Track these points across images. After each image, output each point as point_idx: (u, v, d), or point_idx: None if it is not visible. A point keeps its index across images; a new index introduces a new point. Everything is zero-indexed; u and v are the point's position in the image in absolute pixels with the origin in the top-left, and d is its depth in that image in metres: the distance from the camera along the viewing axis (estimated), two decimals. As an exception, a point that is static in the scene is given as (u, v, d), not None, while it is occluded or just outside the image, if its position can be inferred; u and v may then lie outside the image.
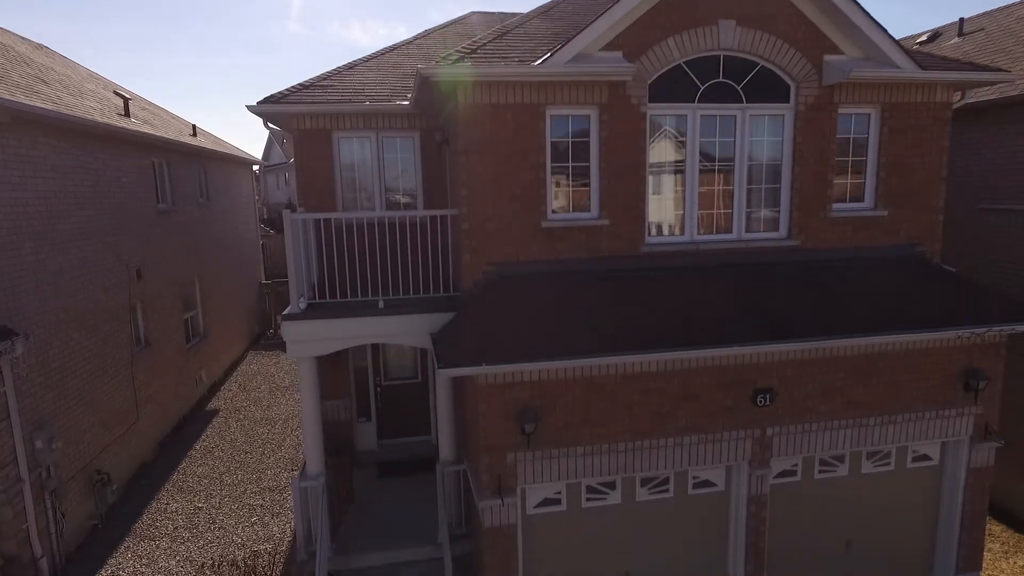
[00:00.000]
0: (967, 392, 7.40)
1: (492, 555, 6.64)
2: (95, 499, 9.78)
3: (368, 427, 10.20)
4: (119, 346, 11.04)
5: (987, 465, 7.67)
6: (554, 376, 6.42)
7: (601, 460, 6.68)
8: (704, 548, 7.42)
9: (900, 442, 7.39)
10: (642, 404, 6.67)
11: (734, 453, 6.99)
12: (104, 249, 10.62)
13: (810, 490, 7.58)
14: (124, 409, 11.14)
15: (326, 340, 7.14)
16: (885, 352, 7.12)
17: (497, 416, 6.38)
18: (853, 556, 7.80)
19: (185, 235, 14.82)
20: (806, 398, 7.05)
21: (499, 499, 6.48)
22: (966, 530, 7.76)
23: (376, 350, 10.10)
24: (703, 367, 6.73)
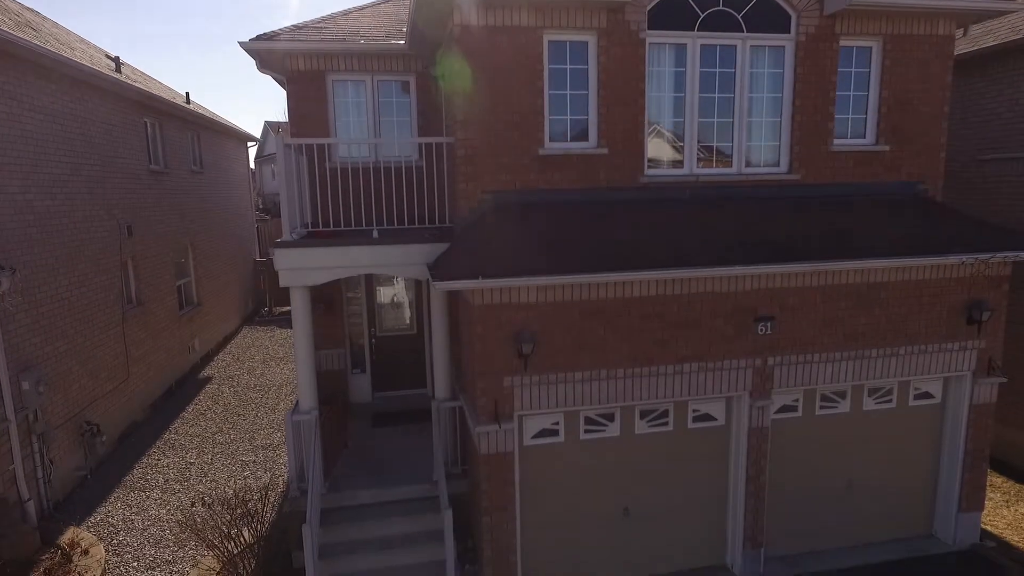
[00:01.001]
0: (970, 325, 7.31)
1: (489, 483, 6.51)
2: (84, 450, 9.62)
3: (363, 379, 10.06)
4: (109, 301, 10.86)
5: (990, 401, 7.57)
6: (551, 299, 6.30)
7: (600, 387, 6.56)
8: (704, 484, 7.30)
9: (902, 376, 7.28)
10: (641, 330, 6.55)
11: (735, 383, 6.87)
12: (93, 200, 10.44)
13: (811, 427, 7.47)
14: (115, 365, 10.96)
15: (319, 269, 6.99)
16: (887, 282, 7.01)
17: (494, 339, 6.24)
18: (854, 495, 7.70)
19: (178, 200, 14.63)
20: (808, 328, 6.94)
21: (496, 424, 6.35)
22: (968, 468, 7.66)
23: (371, 301, 9.95)
24: (703, 293, 6.61)
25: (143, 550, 7.99)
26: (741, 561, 7.27)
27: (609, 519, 7.12)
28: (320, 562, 6.72)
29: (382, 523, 7.18)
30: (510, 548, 6.67)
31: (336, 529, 7.08)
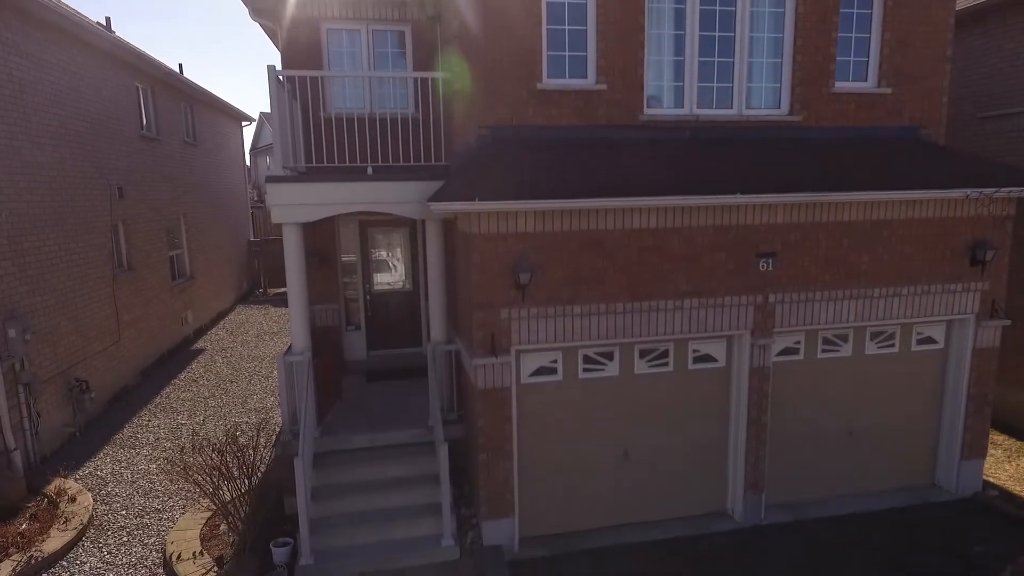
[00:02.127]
0: (973, 266, 7.21)
1: (486, 419, 6.38)
2: (73, 406, 9.44)
3: (357, 336, 9.90)
4: (100, 262, 10.68)
5: (993, 346, 7.48)
6: (550, 229, 6.16)
7: (599, 322, 6.43)
8: (705, 427, 7.18)
9: (905, 317, 7.17)
10: (641, 263, 6.43)
11: (736, 321, 6.75)
12: (83, 156, 10.26)
13: (813, 371, 7.36)
14: (105, 327, 10.78)
15: (312, 205, 6.83)
16: (889, 220, 6.91)
17: (491, 270, 6.11)
18: (856, 442, 7.59)
19: (170, 170, 14.44)
20: (809, 266, 6.83)
21: (493, 357, 6.21)
22: (971, 414, 7.57)
23: (366, 256, 9.79)
24: (704, 227, 6.49)
25: (132, 500, 7.82)
26: (742, 507, 7.15)
27: (608, 462, 6.99)
28: (312, 503, 6.57)
29: (376, 467, 7.03)
30: (507, 487, 6.53)
31: (328, 472, 6.92)
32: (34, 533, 6.77)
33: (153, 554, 6.70)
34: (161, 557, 6.62)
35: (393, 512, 6.68)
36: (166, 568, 6.45)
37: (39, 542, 6.64)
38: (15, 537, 6.62)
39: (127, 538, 6.99)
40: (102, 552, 6.72)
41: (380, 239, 9.86)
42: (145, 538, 7.00)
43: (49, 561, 6.46)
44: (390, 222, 9.78)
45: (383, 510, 6.70)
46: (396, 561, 6.23)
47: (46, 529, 6.87)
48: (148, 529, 7.17)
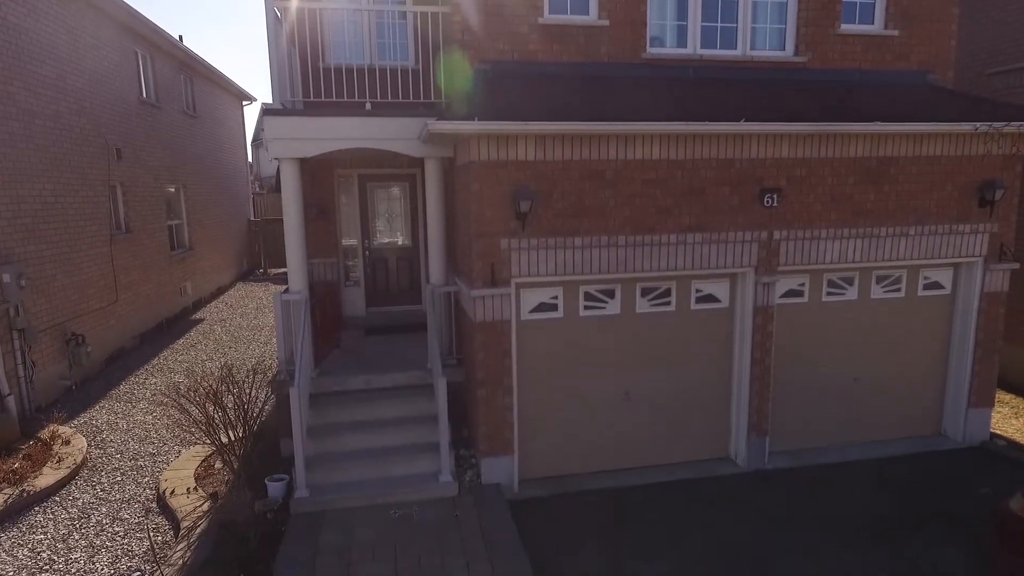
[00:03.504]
0: (982, 208, 7.08)
1: (485, 353, 6.27)
2: (69, 359, 9.35)
3: (356, 292, 9.80)
4: (97, 220, 10.59)
5: (1001, 290, 7.35)
6: (551, 157, 6.05)
7: (600, 255, 6.31)
8: (708, 369, 7.06)
9: (912, 258, 7.04)
10: (644, 196, 6.31)
11: (739, 257, 6.63)
12: (80, 112, 10.17)
13: (818, 315, 7.24)
14: (102, 285, 10.70)
15: (310, 140, 6.73)
16: (896, 157, 6.78)
17: (491, 198, 5.99)
18: (861, 390, 7.47)
19: (169, 139, 14.35)
20: (815, 202, 6.70)
21: (492, 288, 6.10)
22: (979, 360, 7.44)
23: (365, 210, 9.68)
24: (708, 159, 6.37)
25: (127, 445, 7.73)
26: (745, 451, 7.03)
27: (610, 404, 6.88)
28: (308, 440, 6.47)
29: (373, 407, 6.93)
30: (506, 423, 6.42)
31: (325, 412, 6.82)
32: (27, 471, 6.68)
33: (147, 491, 6.61)
34: (155, 494, 6.53)
35: (390, 450, 6.58)
36: (159, 503, 6.36)
37: (31, 478, 6.56)
38: (8, 473, 6.54)
39: (121, 478, 6.90)
40: (95, 489, 6.63)
41: (380, 194, 9.75)
42: (139, 478, 6.91)
43: (41, 496, 6.37)
44: (390, 176, 9.68)
45: (380, 448, 6.60)
46: (393, 495, 6.12)
47: (39, 467, 6.79)
48: (143, 470, 7.08)
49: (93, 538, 5.73)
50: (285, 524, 5.73)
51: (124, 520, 6.04)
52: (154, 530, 5.85)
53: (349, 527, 5.66)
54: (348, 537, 5.52)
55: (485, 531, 5.62)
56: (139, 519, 6.06)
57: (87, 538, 5.73)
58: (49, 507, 6.26)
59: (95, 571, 5.25)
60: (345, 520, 5.78)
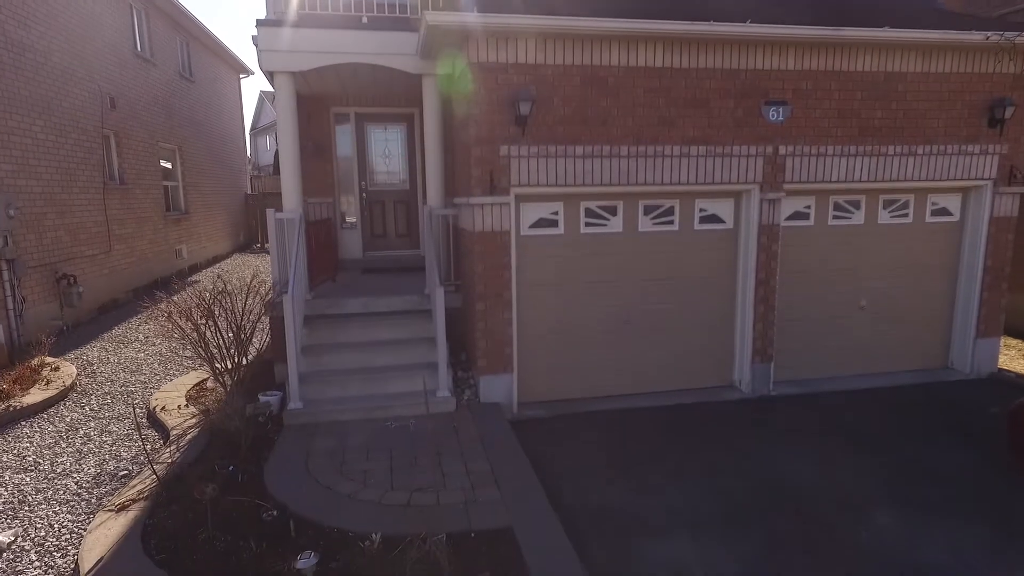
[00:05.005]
0: (992, 128, 6.94)
1: (483, 265, 6.11)
2: (60, 300, 9.19)
3: (353, 234, 9.63)
4: (90, 165, 10.42)
5: (1011, 215, 7.21)
6: (551, 61, 5.89)
7: (601, 165, 6.16)
8: (712, 292, 6.91)
9: (920, 179, 6.89)
10: (646, 105, 6.16)
11: (744, 172, 6.48)
12: (72, 54, 9.99)
13: (823, 238, 7.09)
14: (95, 232, 10.53)
15: (304, 53, 6.58)
16: (905, 73, 6.63)
17: (491, 101, 5.84)
18: (868, 317, 7.33)
19: (165, 98, 14.16)
20: (821, 118, 6.55)
21: (491, 196, 5.94)
22: (987, 288, 7.30)
23: (362, 151, 9.51)
24: (712, 69, 6.21)
25: (117, 375, 7.58)
26: (749, 377, 6.89)
27: (611, 326, 6.72)
28: (303, 358, 6.32)
29: (370, 329, 6.77)
30: (505, 339, 6.27)
31: (321, 332, 6.68)
32: (14, 391, 6.52)
33: (137, 410, 6.45)
34: (145, 412, 6.38)
35: (387, 369, 6.42)
36: (150, 418, 6.21)
37: (19, 396, 6.39)
38: (-6, 391, 6.38)
39: (111, 400, 6.75)
40: (84, 409, 6.47)
41: (378, 134, 9.58)
42: (129, 400, 6.76)
43: (28, 412, 6.22)
44: (388, 117, 9.52)
45: (377, 367, 6.44)
46: (389, 410, 5.96)
47: (26, 388, 6.63)
48: (133, 395, 6.93)
49: (80, 446, 5.57)
50: (278, 434, 5.57)
51: (112, 432, 5.88)
52: (144, 439, 5.69)
53: (343, 435, 5.51)
54: (342, 442, 5.36)
55: (484, 438, 5.46)
56: (128, 431, 5.90)
57: (74, 446, 5.57)
58: (36, 422, 6.09)
59: (81, 471, 5.09)
60: (339, 430, 5.62)
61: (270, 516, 3.93)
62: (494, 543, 3.88)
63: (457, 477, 4.72)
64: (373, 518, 4.10)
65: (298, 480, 4.69)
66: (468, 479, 4.69)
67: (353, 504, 4.33)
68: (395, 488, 4.54)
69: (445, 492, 4.50)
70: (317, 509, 4.26)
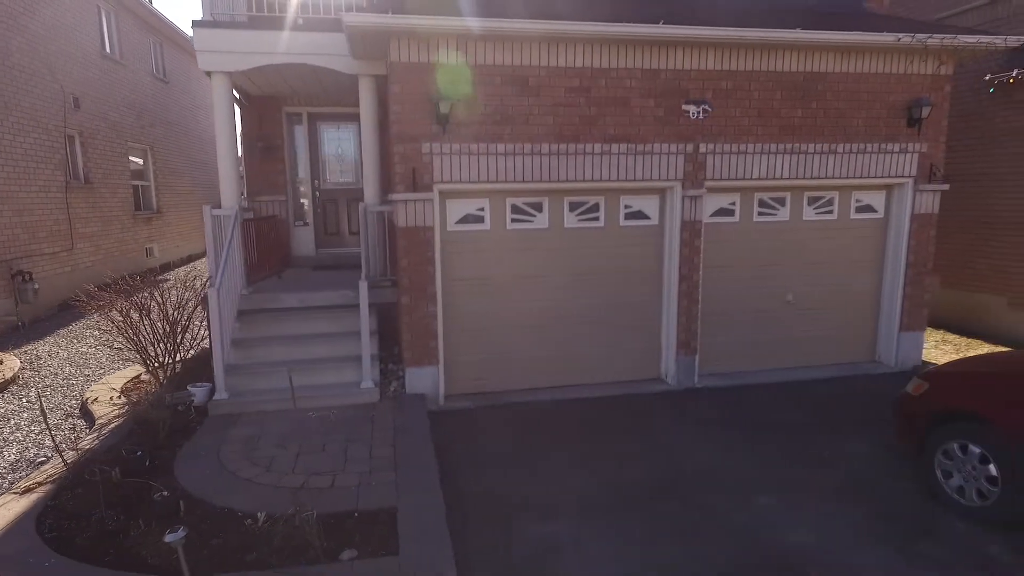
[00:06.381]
0: (911, 127, 7.12)
1: (408, 259, 6.28)
2: (15, 297, 9.35)
3: (306, 232, 9.80)
4: (51, 164, 10.59)
5: (932, 211, 7.38)
6: (473, 61, 6.07)
7: (524, 163, 6.33)
8: (638, 287, 7.07)
9: (842, 176, 7.07)
10: (568, 104, 6.33)
11: (666, 169, 6.65)
12: (32, 53, 10.17)
13: (749, 234, 7.26)
14: (56, 230, 10.70)
15: (239, 54, 6.75)
16: (824, 73, 6.82)
17: (413, 100, 6.01)
18: (795, 312, 7.49)
19: (135, 98, 14.32)
20: (741, 116, 6.73)
21: (413, 192, 6.12)
22: (910, 282, 7.47)
23: (315, 150, 9.69)
24: (632, 69, 6.39)
25: (62, 368, 7.74)
26: (675, 369, 7.05)
27: (540, 321, 6.88)
28: (233, 350, 6.49)
29: (304, 323, 6.94)
30: (430, 333, 6.43)
31: (255, 326, 6.84)
32: (-47, 382, 6.68)
33: (73, 402, 6.61)
34: (79, 403, 6.53)
35: (317, 361, 6.58)
36: (82, 409, 6.36)
37: (-44, 388, 6.56)
38: (-68, 383, 6.53)
39: (49, 392, 6.91)
40: (20, 400, 6.63)
41: (330, 134, 9.76)
42: (68, 392, 6.92)
43: (-37, 403, 6.37)
44: (340, 116, 9.69)
45: (307, 359, 6.60)
46: (314, 401, 6.12)
47: (-34, 380, 6.78)
48: (73, 387, 7.09)
49: (8, 435, 5.74)
50: (201, 423, 5.73)
51: (43, 423, 6.04)
52: (70, 429, 5.85)
53: (263, 424, 5.67)
54: (259, 431, 5.53)
55: (397, 426, 5.63)
56: (58, 421, 6.06)
57: (1, 435, 5.73)
58: (-30, 413, 6.26)
59: (1, 457, 5.25)
60: (261, 420, 5.78)
61: (161, 496, 4.09)
62: (374, 522, 4.05)
63: (359, 462, 4.89)
64: (265, 499, 4.26)
65: (205, 465, 4.85)
66: (369, 464, 4.86)
67: (250, 487, 4.49)
68: (295, 472, 4.71)
69: (342, 475, 4.66)
70: (215, 491, 4.43)
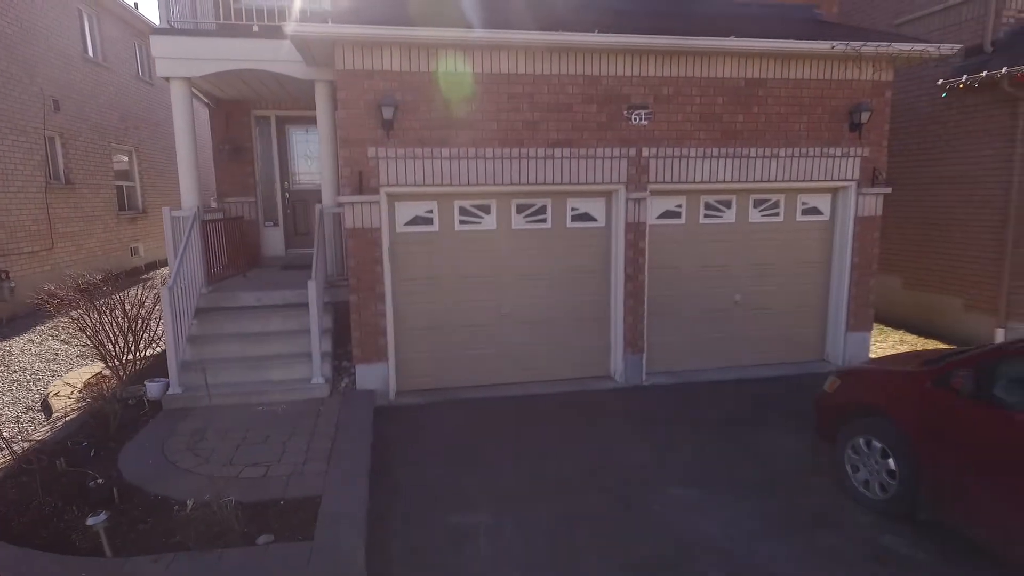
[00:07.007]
0: (852, 132, 7.31)
1: (356, 260, 6.51)
2: (-8, 295, 9.60)
3: (276, 232, 10.04)
4: (30, 165, 10.83)
5: (875, 214, 7.57)
6: (416, 69, 6.28)
7: (469, 166, 6.54)
8: (587, 288, 7.27)
9: (784, 180, 7.27)
10: (511, 110, 6.54)
11: (609, 173, 6.86)
12: (10, 58, 10.40)
13: (696, 236, 7.46)
14: (35, 230, 10.95)
15: (196, 60, 6.98)
16: (765, 79, 7.02)
17: (357, 106, 6.23)
18: (744, 312, 7.69)
19: (119, 101, 14.55)
20: (683, 122, 6.93)
21: (360, 195, 6.33)
22: (855, 283, 7.66)
23: (284, 152, 9.91)
24: (574, 76, 6.60)
25: (32, 364, 7.98)
26: (623, 367, 7.26)
27: (490, 320, 7.10)
28: (189, 346, 6.71)
29: (260, 321, 7.16)
30: (379, 330, 6.66)
31: (211, 324, 7.06)
32: (-79, 377, 6.91)
33: (36, 396, 6.85)
34: (42, 398, 6.77)
35: (271, 358, 6.81)
36: (42, 404, 6.59)
37: (-77, 383, 6.79)
38: (-100, 378, 6.76)
39: (15, 387, 7.14)
40: (-13, 395, 6.87)
41: (299, 136, 9.98)
42: (33, 387, 7.15)
43: (-71, 397, 6.61)
44: (309, 119, 9.88)
45: (262, 356, 6.83)
46: (264, 396, 6.36)
47: (-66, 375, 7.02)
48: (39, 383, 7.32)
49: (-33, 428, 5.98)
50: (153, 417, 5.96)
51: (2, 416, 6.28)
52: (28, 421, 6.09)
53: (212, 418, 5.89)
54: (207, 424, 5.75)
55: (340, 421, 5.85)
56: (18, 414, 6.30)
57: (-39, 427, 5.97)
58: (-65, 407, 6.50)
59: (-43, 448, 5.49)
60: (211, 414, 6.00)
61: (96, 484, 4.32)
62: (297, 510, 4.27)
63: (295, 454, 5.11)
64: (198, 488, 4.48)
65: (148, 456, 5.08)
66: (304, 455, 5.08)
67: (186, 476, 4.72)
68: (232, 463, 4.94)
69: (277, 466, 4.89)
70: (152, 480, 4.66)
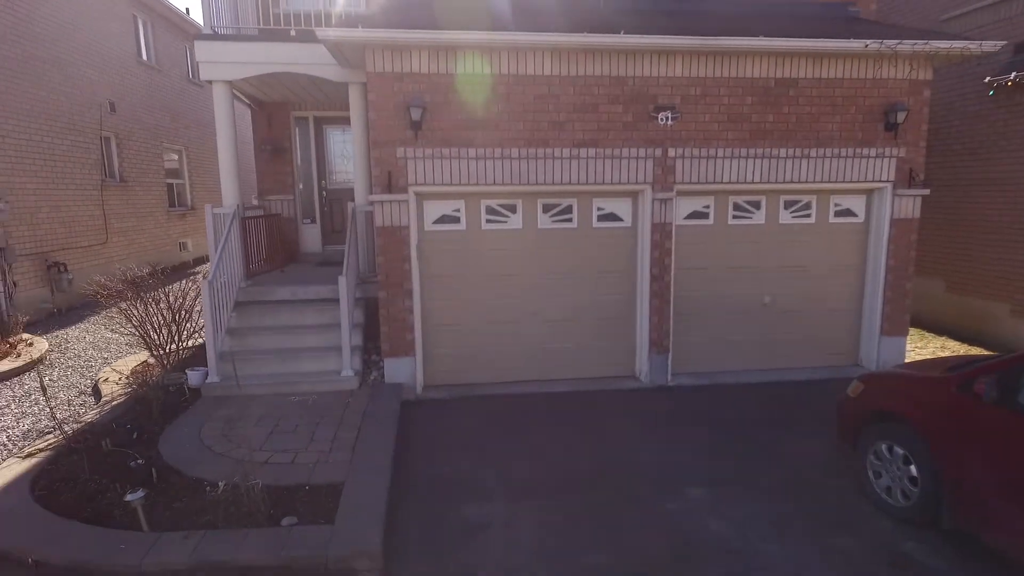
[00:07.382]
0: (888, 132, 7.14)
1: (385, 257, 6.71)
2: (51, 286, 10.22)
3: (313, 229, 10.38)
4: (88, 165, 11.48)
5: (912, 216, 7.37)
6: (444, 71, 6.44)
7: (495, 167, 6.67)
8: (612, 287, 7.31)
9: (816, 180, 7.15)
10: (537, 111, 6.63)
11: (635, 173, 6.88)
12: (71, 62, 11.03)
13: (724, 236, 7.41)
14: (92, 225, 11.59)
15: (237, 64, 7.30)
16: (796, 79, 6.92)
17: (386, 108, 6.42)
18: (773, 313, 7.59)
19: (170, 102, 15.25)
20: (711, 122, 6.90)
21: (389, 194, 6.53)
22: (890, 288, 7.47)
23: (321, 152, 10.24)
24: (600, 76, 6.64)
25: (86, 352, 8.48)
26: (648, 367, 7.27)
27: (516, 317, 7.21)
28: (228, 338, 7.04)
29: (295, 314, 7.45)
30: (407, 326, 6.85)
31: (249, 316, 7.38)
32: (-13, 361, 7.46)
33: (88, 381, 7.30)
34: (93, 383, 7.21)
35: (305, 350, 7.08)
36: (93, 389, 7.03)
37: (-11, 366, 7.33)
38: (-32, 362, 7.32)
39: (70, 372, 7.63)
40: (45, 379, 7.34)
41: (336, 136, 10.30)
42: (87, 373, 7.62)
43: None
44: (345, 120, 10.17)
45: (296, 348, 7.11)
46: (296, 386, 6.63)
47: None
48: (92, 369, 7.79)
49: (26, 408, 6.43)
50: (193, 404, 6.30)
51: (58, 398, 6.73)
52: (80, 404, 6.51)
53: (247, 406, 6.19)
54: (242, 412, 6.04)
55: (367, 412, 6.06)
56: (71, 398, 6.74)
57: (21, 408, 6.43)
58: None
59: (17, 427, 5.93)
60: (246, 402, 6.30)
61: (137, 464, 4.62)
62: (321, 495, 4.48)
63: (322, 442, 5.34)
64: (230, 471, 4.72)
65: (186, 440, 5.39)
66: (331, 444, 5.31)
67: (220, 460, 4.99)
68: (263, 449, 5.19)
69: (304, 453, 5.12)
70: (189, 463, 4.95)
